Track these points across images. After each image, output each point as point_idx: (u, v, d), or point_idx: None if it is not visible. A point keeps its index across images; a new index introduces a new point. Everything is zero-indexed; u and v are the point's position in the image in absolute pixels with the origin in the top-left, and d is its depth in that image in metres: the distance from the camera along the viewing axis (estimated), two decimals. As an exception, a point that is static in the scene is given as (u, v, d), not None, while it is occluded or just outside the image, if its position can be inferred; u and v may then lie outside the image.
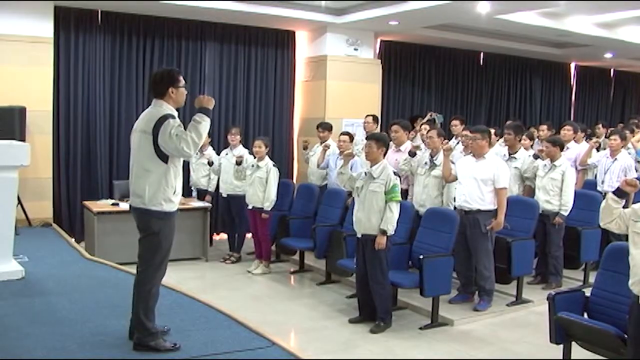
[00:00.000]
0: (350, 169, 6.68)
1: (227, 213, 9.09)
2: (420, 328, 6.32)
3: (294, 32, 11.53)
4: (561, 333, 4.93)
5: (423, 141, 8.40)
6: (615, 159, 8.40)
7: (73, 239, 8.87)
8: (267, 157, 8.27)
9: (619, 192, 4.36)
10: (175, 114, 4.66)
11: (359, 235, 6.30)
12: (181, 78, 4.72)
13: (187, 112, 7.87)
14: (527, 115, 14.75)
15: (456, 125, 9.27)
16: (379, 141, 6.26)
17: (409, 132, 8.62)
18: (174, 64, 10.14)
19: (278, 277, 8.29)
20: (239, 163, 8.49)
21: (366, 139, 6.55)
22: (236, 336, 5.18)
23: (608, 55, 14.17)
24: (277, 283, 8.03)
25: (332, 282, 7.90)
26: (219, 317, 5.65)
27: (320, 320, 6.56)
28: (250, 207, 8.32)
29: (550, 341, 5.01)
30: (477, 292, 6.95)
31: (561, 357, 5.04)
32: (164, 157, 4.52)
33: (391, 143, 8.20)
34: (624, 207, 4.46)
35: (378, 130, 9.42)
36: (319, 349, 5.73)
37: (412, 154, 7.72)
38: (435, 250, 6.47)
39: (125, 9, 9.83)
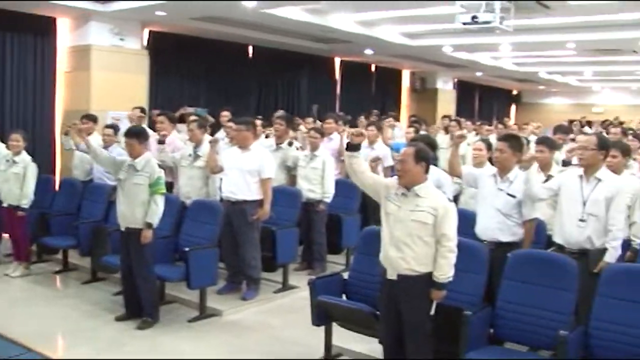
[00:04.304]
0: None
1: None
2: (189, 320, 6.31)
3: (54, 19, 10.91)
4: (322, 315, 5.17)
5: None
6: (373, 148, 8.91)
7: None
8: (24, 152, 7.74)
9: (350, 146, 4.64)
10: None
11: (123, 229, 6.13)
12: None
13: None
14: (294, 108, 15.23)
15: (225, 117, 9.32)
16: (140, 136, 6.15)
17: (175, 124, 8.55)
18: None
19: (40, 279, 7.81)
20: None
21: (125, 135, 6.33)
22: (-14, 346, 4.83)
23: (368, 52, 15.09)
24: (38, 285, 7.57)
25: (99, 280, 7.60)
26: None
27: (85, 320, 6.31)
28: (5, 204, 7.74)
29: (313, 323, 5.23)
30: (245, 282, 7.04)
31: (323, 337, 5.31)
32: None
33: (154, 134, 8.10)
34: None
35: (146, 123, 9.27)
36: (84, 350, 5.54)
37: (160, 141, 7.61)
38: (201, 242, 6.47)
39: None
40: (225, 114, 9.37)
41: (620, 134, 8.87)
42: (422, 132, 10.01)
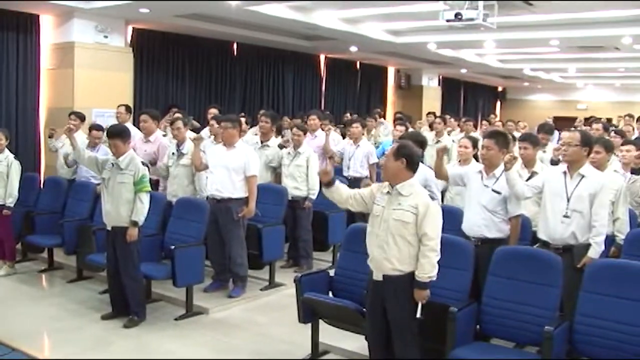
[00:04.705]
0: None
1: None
2: (176, 319, 6.29)
3: (37, 16, 10.83)
4: (308, 312, 5.17)
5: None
6: (358, 145, 8.94)
7: None
8: (7, 150, 7.69)
9: (323, 184, 4.73)
10: None
11: (108, 228, 6.11)
12: None
13: None
14: (280, 105, 15.25)
15: (213, 114, 9.29)
16: (123, 135, 6.11)
17: (159, 122, 8.51)
18: None
19: (25, 278, 7.76)
20: None
21: (107, 136, 6.29)
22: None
23: (353, 49, 15.08)
24: (24, 284, 7.52)
25: (84, 278, 7.56)
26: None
27: (71, 319, 6.28)
28: (-11, 203, 7.70)
29: (299, 321, 5.23)
30: (231, 279, 7.04)
31: (310, 335, 5.31)
32: None
33: (140, 133, 8.08)
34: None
35: (131, 121, 9.22)
36: (70, 349, 5.51)
37: (152, 163, 7.58)
38: (187, 240, 6.46)
39: None
40: (213, 111, 9.34)
41: (602, 130, 8.90)
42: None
